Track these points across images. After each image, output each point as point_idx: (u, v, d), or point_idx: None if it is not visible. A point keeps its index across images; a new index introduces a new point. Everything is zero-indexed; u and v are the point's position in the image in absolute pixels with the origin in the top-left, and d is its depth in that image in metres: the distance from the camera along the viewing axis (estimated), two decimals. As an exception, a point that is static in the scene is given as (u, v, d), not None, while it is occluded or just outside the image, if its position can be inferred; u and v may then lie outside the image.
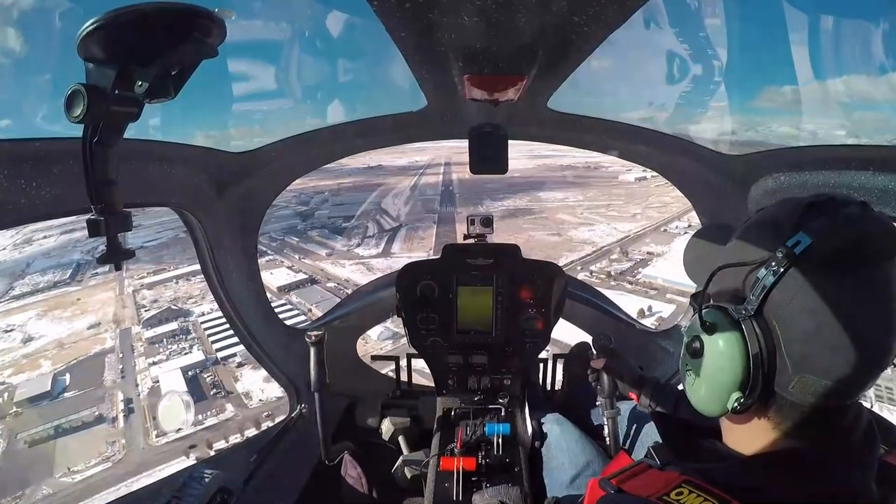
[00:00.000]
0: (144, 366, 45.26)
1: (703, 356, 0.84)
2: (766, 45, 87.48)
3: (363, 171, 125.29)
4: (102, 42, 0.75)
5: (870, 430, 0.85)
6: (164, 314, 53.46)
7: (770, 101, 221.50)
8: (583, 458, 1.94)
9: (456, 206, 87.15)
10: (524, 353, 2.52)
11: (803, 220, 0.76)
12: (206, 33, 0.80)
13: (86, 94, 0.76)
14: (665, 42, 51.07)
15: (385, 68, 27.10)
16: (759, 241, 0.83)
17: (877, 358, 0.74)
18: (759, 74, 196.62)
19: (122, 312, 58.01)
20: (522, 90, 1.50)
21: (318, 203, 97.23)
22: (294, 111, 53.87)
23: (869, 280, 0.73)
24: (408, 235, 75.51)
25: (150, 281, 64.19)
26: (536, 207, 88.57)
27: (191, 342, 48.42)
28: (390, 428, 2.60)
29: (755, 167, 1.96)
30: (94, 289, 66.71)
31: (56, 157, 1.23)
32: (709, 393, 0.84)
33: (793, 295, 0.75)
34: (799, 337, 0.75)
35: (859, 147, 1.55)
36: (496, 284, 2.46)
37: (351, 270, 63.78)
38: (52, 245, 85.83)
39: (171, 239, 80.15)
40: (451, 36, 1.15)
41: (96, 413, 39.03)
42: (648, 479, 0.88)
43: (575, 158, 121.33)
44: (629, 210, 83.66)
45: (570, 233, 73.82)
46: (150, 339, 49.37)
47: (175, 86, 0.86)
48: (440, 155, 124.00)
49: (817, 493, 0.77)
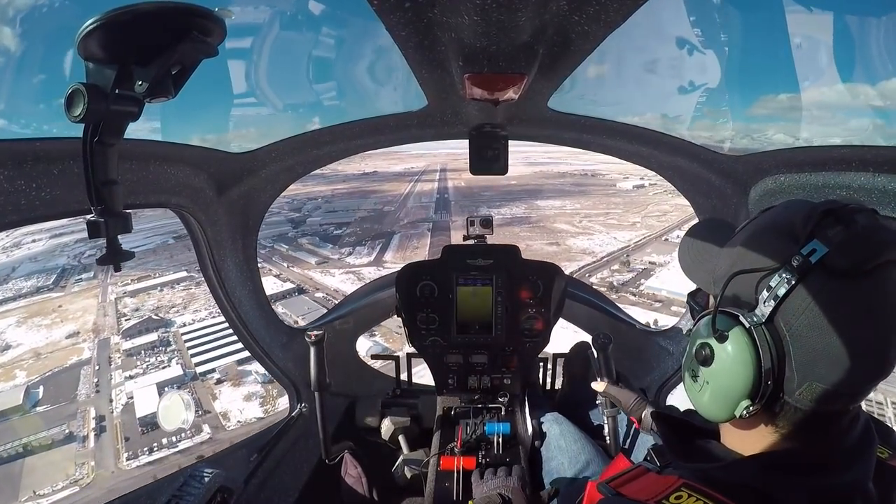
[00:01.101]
0: (120, 380, 43.47)
1: (712, 363, 0.83)
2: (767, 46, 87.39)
3: (358, 177, 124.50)
4: (103, 41, 0.75)
5: (867, 429, 0.86)
6: (144, 324, 51.89)
7: (766, 109, 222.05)
8: (583, 457, 1.94)
9: (451, 214, 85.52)
10: (524, 352, 2.53)
11: (819, 228, 0.75)
12: (206, 33, 0.80)
13: (86, 94, 0.76)
14: (665, 42, 50.47)
15: (385, 68, 26.24)
16: (769, 246, 0.81)
17: (885, 363, 0.75)
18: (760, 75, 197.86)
19: (103, 321, 56.22)
20: (523, 90, 1.48)
21: (311, 210, 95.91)
22: (293, 111, 52.82)
23: (880, 288, 0.73)
24: (401, 244, 73.77)
25: (134, 288, 62.61)
26: (534, 216, 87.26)
27: (170, 355, 46.83)
28: (390, 427, 2.60)
29: (755, 168, 1.96)
30: (77, 295, 65.05)
31: (56, 157, 1.22)
32: (717, 400, 0.83)
33: (807, 304, 0.74)
34: (810, 345, 0.74)
35: (859, 147, 1.50)
36: (496, 284, 2.46)
37: (341, 280, 62.19)
38: (40, 249, 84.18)
39: (159, 245, 78.47)
40: (451, 35, 1.15)
41: (66, 431, 37.09)
42: (647, 482, 0.87)
43: (571, 166, 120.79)
44: (628, 219, 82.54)
45: (569, 242, 72.45)
46: (128, 350, 47.63)
47: (175, 85, 0.86)
48: (436, 161, 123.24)
49: (817, 494, 0.77)
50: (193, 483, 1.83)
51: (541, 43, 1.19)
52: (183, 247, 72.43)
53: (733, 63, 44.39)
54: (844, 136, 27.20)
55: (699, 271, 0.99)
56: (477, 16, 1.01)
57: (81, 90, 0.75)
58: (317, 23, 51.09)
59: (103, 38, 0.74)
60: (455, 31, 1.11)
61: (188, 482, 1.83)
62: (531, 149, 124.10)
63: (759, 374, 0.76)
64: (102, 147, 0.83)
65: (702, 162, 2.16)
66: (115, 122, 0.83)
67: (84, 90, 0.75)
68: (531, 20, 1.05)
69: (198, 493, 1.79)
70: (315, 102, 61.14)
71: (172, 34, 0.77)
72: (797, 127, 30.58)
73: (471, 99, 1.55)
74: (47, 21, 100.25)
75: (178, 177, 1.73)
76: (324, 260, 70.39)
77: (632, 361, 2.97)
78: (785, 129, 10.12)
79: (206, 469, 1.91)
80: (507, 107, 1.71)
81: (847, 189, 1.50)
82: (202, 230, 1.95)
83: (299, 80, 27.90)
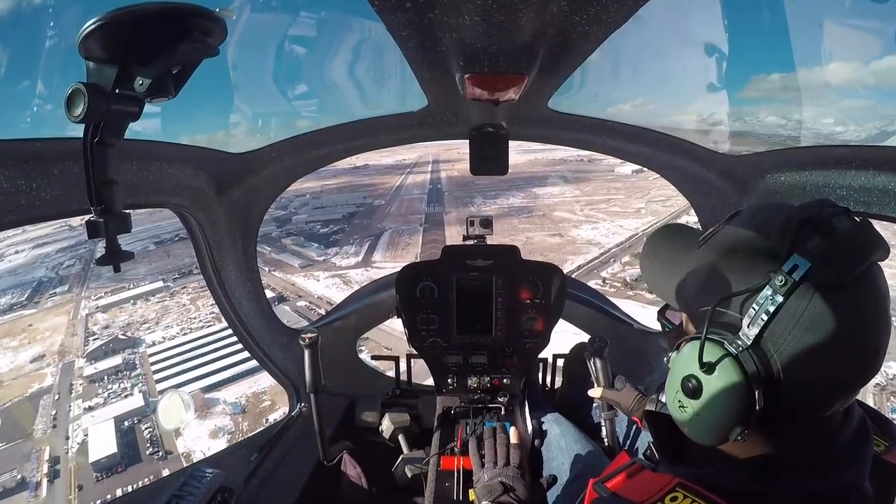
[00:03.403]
0: (80, 411, 39.13)
1: (701, 396, 0.80)
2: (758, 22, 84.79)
3: (349, 171, 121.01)
4: (103, 41, 0.76)
5: (861, 426, 0.85)
6: (110, 345, 47.93)
7: (758, 91, 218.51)
8: (582, 457, 1.94)
9: (445, 206, 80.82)
10: (524, 353, 2.53)
11: (797, 241, 0.73)
12: (207, 32, 0.80)
13: (86, 94, 0.76)
14: (665, 42, 47.72)
15: (385, 68, 24.69)
16: (746, 263, 0.79)
17: (876, 360, 0.75)
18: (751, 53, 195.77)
19: (70, 342, 52.02)
20: (523, 90, 1.48)
21: (298, 207, 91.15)
22: (293, 112, 51.48)
23: (867, 290, 0.73)
24: (392, 241, 69.00)
25: (106, 302, 58.49)
26: (533, 205, 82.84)
27: (134, 380, 42.50)
28: (390, 427, 2.60)
29: (755, 167, 1.96)
30: (49, 312, 61.03)
31: (56, 157, 1.23)
32: (708, 429, 0.81)
33: (794, 321, 0.72)
34: (800, 361, 0.73)
35: (860, 147, 1.51)
36: (495, 285, 2.46)
37: (326, 285, 57.46)
38: (21, 262, 79.66)
39: (139, 251, 73.72)
40: (451, 35, 1.15)
41: (18, 477, 32.88)
42: (642, 481, 0.88)
43: (567, 152, 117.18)
44: (631, 205, 77.95)
45: (572, 232, 67.75)
46: (90, 376, 43.24)
47: (176, 85, 0.86)
48: (428, 152, 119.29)
49: (814, 493, 0.78)
50: (193, 483, 1.83)
51: (541, 43, 1.19)
52: (163, 253, 68.77)
53: (725, 44, 42.32)
54: (837, 116, 27.02)
55: (664, 286, 0.95)
56: (478, 16, 1.01)
57: (82, 90, 0.75)
58: (317, 23, 47.68)
59: (104, 38, 0.74)
60: (456, 31, 1.12)
61: (188, 482, 1.84)
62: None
63: (751, 402, 0.74)
64: (103, 147, 0.83)
65: (702, 161, 2.16)
66: (115, 122, 0.83)
67: (84, 90, 0.75)
68: (532, 21, 1.05)
69: (198, 493, 1.80)
70: (315, 102, 58.69)
71: (173, 34, 0.77)
72: (790, 108, 29.55)
73: (471, 99, 1.55)
74: (47, 21, 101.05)
75: (178, 177, 1.72)
76: (308, 262, 65.22)
77: (631, 361, 2.94)
78: (777, 111, 10.29)
79: (206, 469, 1.91)
80: (507, 107, 1.71)
81: (847, 189, 1.50)
82: (202, 230, 1.95)
83: (299, 80, 26.53)
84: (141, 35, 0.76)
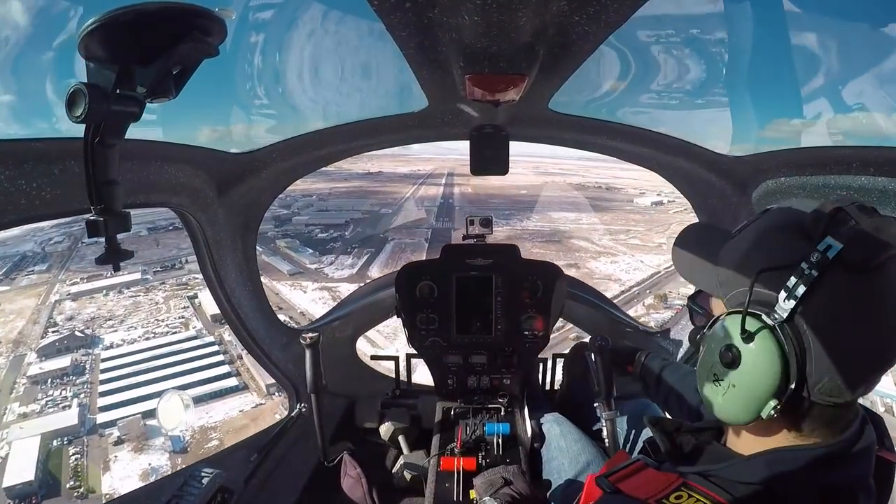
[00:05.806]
0: (13, 416, 34.16)
1: (739, 365, 0.83)
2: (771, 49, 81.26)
3: (362, 176, 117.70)
4: (103, 41, 0.76)
5: (864, 422, 0.88)
6: (65, 342, 42.33)
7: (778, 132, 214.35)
8: (583, 458, 1.94)
9: (454, 222, 75.99)
10: (524, 353, 2.53)
11: (831, 225, 0.78)
12: (207, 32, 0.80)
13: (87, 94, 0.76)
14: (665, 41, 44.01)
15: (385, 68, 22.47)
16: (782, 245, 0.84)
17: (893, 352, 0.78)
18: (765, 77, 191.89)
19: (30, 330, 47.07)
20: (523, 90, 1.49)
21: (301, 207, 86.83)
22: (293, 112, 48.31)
23: (889, 279, 0.76)
24: (392, 255, 64.03)
25: (79, 290, 53.54)
26: (548, 229, 77.52)
27: (77, 389, 37.20)
28: (390, 428, 2.60)
29: (755, 168, 1.96)
30: (21, 292, 56.15)
31: (56, 157, 1.23)
32: (744, 401, 0.83)
33: (826, 299, 0.76)
34: (830, 340, 0.77)
35: (860, 148, 1.51)
36: (495, 284, 2.47)
37: (312, 298, 51.80)
38: (15, 233, 75.30)
39: (129, 236, 69.02)
40: (451, 36, 1.16)
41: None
42: (647, 478, 0.88)
43: (585, 178, 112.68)
44: (653, 239, 72.42)
45: (590, 264, 62.14)
46: (34, 377, 38.31)
47: (176, 85, 0.86)
48: (445, 165, 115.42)
49: (829, 487, 0.79)
50: (193, 483, 1.84)
51: (541, 43, 1.19)
52: (153, 241, 64.49)
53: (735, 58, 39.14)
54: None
55: (701, 275, 1.00)
56: (477, 16, 1.01)
57: (82, 90, 0.75)
58: (317, 23, 43.88)
59: (104, 38, 0.75)
60: (455, 31, 1.12)
61: (188, 482, 1.84)
62: (541, 159, 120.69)
63: (786, 374, 0.78)
64: (103, 147, 0.83)
65: (702, 162, 2.17)
66: (115, 123, 0.84)
67: (85, 90, 0.75)
68: (532, 21, 1.05)
69: (198, 494, 1.80)
70: (315, 103, 54.68)
71: (173, 34, 0.77)
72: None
73: (471, 100, 1.55)
74: (48, 21, 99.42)
75: (178, 177, 1.72)
76: (299, 270, 60.21)
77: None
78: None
79: (206, 469, 1.92)
80: (507, 107, 1.73)
81: (848, 189, 1.51)
82: (202, 230, 1.95)
83: (299, 80, 22.17)
84: (141, 35, 0.76)
